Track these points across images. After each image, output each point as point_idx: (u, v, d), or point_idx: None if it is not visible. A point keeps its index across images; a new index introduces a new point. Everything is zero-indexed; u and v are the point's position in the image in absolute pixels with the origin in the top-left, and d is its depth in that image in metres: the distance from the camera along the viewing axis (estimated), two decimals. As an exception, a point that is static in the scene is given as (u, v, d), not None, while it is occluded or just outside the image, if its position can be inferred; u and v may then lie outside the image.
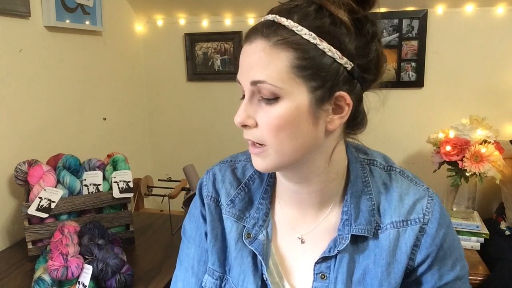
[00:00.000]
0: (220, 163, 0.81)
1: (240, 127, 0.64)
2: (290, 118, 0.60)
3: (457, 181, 1.57)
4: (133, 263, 1.24)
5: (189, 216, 0.81)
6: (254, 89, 0.61)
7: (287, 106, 0.59)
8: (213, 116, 2.19)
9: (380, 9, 1.85)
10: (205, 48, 2.11)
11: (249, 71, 0.60)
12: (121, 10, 2.02)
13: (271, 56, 0.58)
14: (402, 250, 0.66)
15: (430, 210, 0.67)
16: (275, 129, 0.60)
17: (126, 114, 2.09)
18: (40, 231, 1.27)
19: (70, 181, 1.32)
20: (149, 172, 2.08)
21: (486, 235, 1.55)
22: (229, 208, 0.75)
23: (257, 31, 0.60)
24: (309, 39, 0.58)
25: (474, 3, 1.76)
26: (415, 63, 1.87)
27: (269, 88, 0.59)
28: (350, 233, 0.66)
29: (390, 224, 0.67)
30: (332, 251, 0.67)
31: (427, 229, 0.66)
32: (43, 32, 1.53)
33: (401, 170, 0.72)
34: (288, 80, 0.58)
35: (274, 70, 0.58)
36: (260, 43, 0.59)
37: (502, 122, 1.81)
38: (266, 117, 0.61)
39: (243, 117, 0.62)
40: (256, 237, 0.71)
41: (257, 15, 2.00)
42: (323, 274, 0.68)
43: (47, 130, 1.57)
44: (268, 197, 0.74)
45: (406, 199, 0.68)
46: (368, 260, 0.67)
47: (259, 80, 0.59)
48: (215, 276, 0.75)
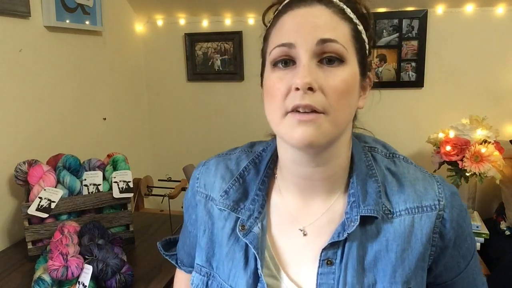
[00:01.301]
0: (217, 155, 0.81)
1: (300, 91, 0.57)
2: (351, 85, 0.60)
3: (457, 181, 1.57)
4: (133, 263, 1.24)
5: (185, 207, 0.83)
6: (319, 50, 0.58)
7: (350, 71, 0.60)
8: (213, 116, 2.19)
9: (380, 9, 1.86)
10: (205, 48, 2.11)
11: (315, 30, 0.58)
12: (121, 10, 2.02)
13: (336, 21, 0.60)
14: (418, 237, 0.64)
15: (443, 195, 0.66)
16: (340, 95, 0.58)
17: (126, 114, 2.09)
18: (40, 231, 1.27)
19: (70, 181, 1.32)
20: (149, 172, 2.08)
21: (486, 235, 1.56)
22: (222, 199, 0.72)
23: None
24: (353, 18, 0.62)
25: (474, 3, 1.76)
26: (415, 63, 1.87)
27: (339, 49, 0.58)
28: (359, 214, 0.64)
29: (404, 211, 0.65)
30: (341, 235, 0.64)
31: (444, 215, 0.65)
32: (43, 32, 1.53)
33: (404, 157, 0.72)
34: (350, 46, 0.60)
35: (341, 33, 0.60)
36: (321, 8, 0.60)
37: (502, 122, 1.81)
38: (332, 80, 0.58)
39: (312, 78, 0.57)
40: (250, 230, 0.69)
41: (257, 15, 2.00)
42: (330, 260, 0.65)
43: (47, 130, 1.57)
44: (265, 189, 0.72)
45: (417, 185, 0.67)
46: (379, 246, 0.65)
47: (331, 38, 0.58)
48: (203, 272, 0.74)
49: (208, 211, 0.75)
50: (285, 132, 0.60)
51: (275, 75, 0.61)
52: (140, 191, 1.91)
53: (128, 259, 1.25)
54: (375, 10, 1.87)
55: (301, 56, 0.58)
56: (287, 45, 0.59)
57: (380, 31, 1.88)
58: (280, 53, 0.60)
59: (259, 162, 0.74)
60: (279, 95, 0.60)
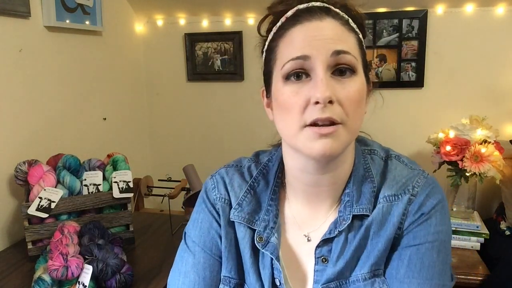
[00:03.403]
0: (225, 166, 0.78)
1: (320, 105, 0.58)
2: (362, 94, 0.62)
3: (457, 181, 1.57)
4: (133, 263, 1.24)
5: (193, 222, 0.76)
6: (333, 62, 0.59)
7: (361, 81, 0.62)
8: (213, 116, 2.19)
9: (380, 9, 1.86)
10: (205, 48, 2.11)
11: (329, 42, 0.60)
12: (121, 10, 2.02)
13: (346, 34, 0.62)
14: (391, 222, 0.66)
15: (421, 184, 0.67)
16: (355, 104, 0.60)
17: (126, 114, 2.09)
18: (40, 231, 1.27)
19: (70, 181, 1.32)
20: (149, 172, 2.08)
21: (486, 235, 1.55)
22: (237, 212, 0.72)
23: (321, 11, 0.62)
24: (354, 28, 0.64)
25: (474, 3, 1.76)
26: (415, 63, 1.87)
27: (352, 60, 0.60)
28: (351, 213, 0.67)
29: (383, 198, 0.67)
30: (332, 233, 0.67)
31: (414, 199, 0.66)
32: (43, 32, 1.53)
33: (397, 155, 0.73)
34: (358, 56, 0.62)
35: (351, 44, 0.62)
36: (332, 21, 0.61)
37: (502, 122, 1.81)
38: (346, 91, 0.60)
39: (331, 91, 0.58)
40: (268, 240, 0.69)
41: (257, 15, 2.00)
42: (325, 257, 0.68)
43: (47, 130, 1.57)
44: (276, 198, 0.73)
45: (400, 178, 0.68)
46: (359, 236, 0.67)
47: (344, 50, 0.60)
48: (232, 283, 0.72)
49: (229, 219, 0.73)
50: (303, 145, 0.61)
51: (288, 88, 0.61)
52: (140, 191, 1.91)
53: (128, 259, 1.25)
54: (375, 10, 1.87)
55: (316, 69, 0.59)
56: (302, 58, 0.60)
57: (380, 31, 1.88)
58: (294, 66, 0.60)
59: (267, 173, 0.75)
60: (296, 108, 0.60)
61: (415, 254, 0.64)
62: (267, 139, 0.80)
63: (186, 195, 1.70)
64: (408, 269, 0.64)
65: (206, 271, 0.72)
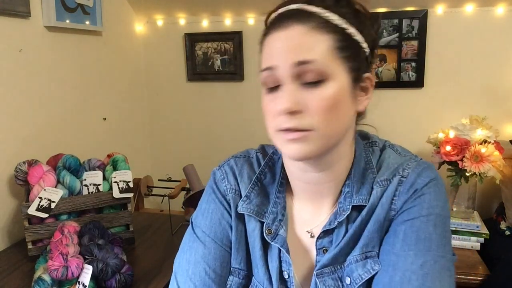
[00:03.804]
0: (233, 157, 0.78)
1: (285, 115, 0.60)
2: (338, 99, 0.61)
3: (457, 181, 1.57)
4: (133, 263, 1.24)
5: (202, 212, 0.75)
6: (297, 72, 0.60)
7: (334, 87, 0.61)
8: (213, 116, 2.19)
9: (380, 9, 1.86)
10: (205, 48, 2.11)
11: (292, 53, 0.60)
12: (121, 10, 2.02)
13: (314, 39, 0.60)
14: (382, 203, 0.67)
15: (411, 166, 0.68)
16: (325, 111, 0.60)
17: (126, 114, 2.09)
18: (40, 231, 1.27)
19: (70, 181, 1.32)
20: (149, 172, 2.08)
21: (486, 235, 1.55)
22: (245, 204, 0.72)
23: (289, 18, 0.61)
24: (339, 24, 0.61)
25: (474, 3, 1.76)
26: (415, 63, 1.87)
27: (318, 68, 0.59)
28: (351, 204, 0.67)
29: (376, 184, 0.68)
30: (332, 224, 0.68)
31: (405, 180, 0.67)
32: (43, 32, 1.53)
33: (391, 144, 0.74)
34: (332, 60, 0.60)
35: (319, 51, 0.60)
36: (298, 28, 0.60)
37: (502, 122, 1.81)
38: (315, 99, 0.60)
39: (293, 102, 0.60)
40: (277, 233, 0.70)
41: (257, 15, 2.00)
42: (326, 248, 0.69)
43: (47, 130, 1.57)
44: (283, 191, 0.74)
45: (392, 165, 0.69)
46: (356, 223, 0.67)
47: (307, 60, 0.59)
48: (241, 275, 0.72)
49: (238, 211, 0.73)
50: (280, 147, 0.65)
51: (266, 97, 0.65)
52: (140, 191, 1.91)
53: (128, 259, 1.25)
54: (375, 10, 1.87)
55: (283, 80, 0.61)
56: (269, 69, 0.62)
57: (380, 31, 1.88)
58: (266, 76, 0.63)
59: (273, 165, 0.76)
60: (270, 115, 0.64)
61: (410, 228, 0.64)
62: (267, 139, 0.80)
63: (186, 195, 1.70)
64: (404, 243, 0.63)
65: (217, 261, 0.71)
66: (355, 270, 0.66)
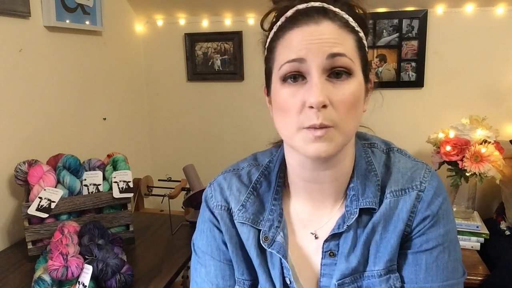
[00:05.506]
0: (223, 173, 0.79)
1: (314, 109, 0.59)
2: (358, 96, 0.62)
3: (457, 181, 1.57)
4: (133, 263, 1.24)
5: (199, 232, 0.78)
6: (328, 65, 0.60)
7: (357, 83, 0.62)
8: (213, 116, 2.19)
9: (380, 9, 1.86)
10: (205, 48, 2.11)
11: (326, 46, 0.60)
12: (121, 10, 2.02)
13: (343, 36, 0.62)
14: (400, 217, 0.67)
15: (427, 179, 0.69)
16: (348, 107, 0.61)
17: (126, 114, 2.09)
18: (40, 231, 1.27)
19: (70, 181, 1.32)
20: (149, 172, 2.08)
21: (486, 235, 1.56)
22: (241, 213, 0.73)
23: (318, 14, 0.62)
24: (355, 27, 0.63)
25: (474, 3, 1.76)
26: (415, 63, 1.87)
27: (348, 62, 0.61)
28: (358, 207, 0.68)
29: (390, 193, 0.68)
30: (341, 227, 0.68)
31: (423, 196, 0.67)
32: (43, 32, 1.53)
33: (399, 148, 0.75)
34: (355, 57, 0.62)
35: (348, 47, 0.62)
36: (328, 24, 0.61)
37: (502, 122, 1.81)
38: (340, 94, 0.60)
39: (325, 96, 0.59)
40: (274, 239, 0.71)
41: (257, 15, 2.00)
42: (332, 251, 0.69)
43: (47, 130, 1.57)
44: (279, 198, 0.74)
45: (405, 172, 0.70)
46: (367, 230, 0.68)
47: (340, 52, 0.60)
48: (246, 285, 0.73)
49: (233, 223, 0.74)
50: (300, 145, 0.63)
51: (286, 90, 0.63)
52: (140, 191, 1.91)
53: (128, 259, 1.25)
54: (375, 10, 1.87)
55: (312, 72, 0.60)
56: (298, 60, 0.61)
57: (380, 31, 1.88)
58: (290, 69, 0.61)
59: (269, 174, 0.76)
60: (292, 111, 0.62)
61: (430, 258, 0.67)
62: (267, 139, 0.80)
63: (186, 195, 1.71)
64: (427, 274, 0.67)
65: (218, 278, 0.74)
66: (378, 285, 0.67)
